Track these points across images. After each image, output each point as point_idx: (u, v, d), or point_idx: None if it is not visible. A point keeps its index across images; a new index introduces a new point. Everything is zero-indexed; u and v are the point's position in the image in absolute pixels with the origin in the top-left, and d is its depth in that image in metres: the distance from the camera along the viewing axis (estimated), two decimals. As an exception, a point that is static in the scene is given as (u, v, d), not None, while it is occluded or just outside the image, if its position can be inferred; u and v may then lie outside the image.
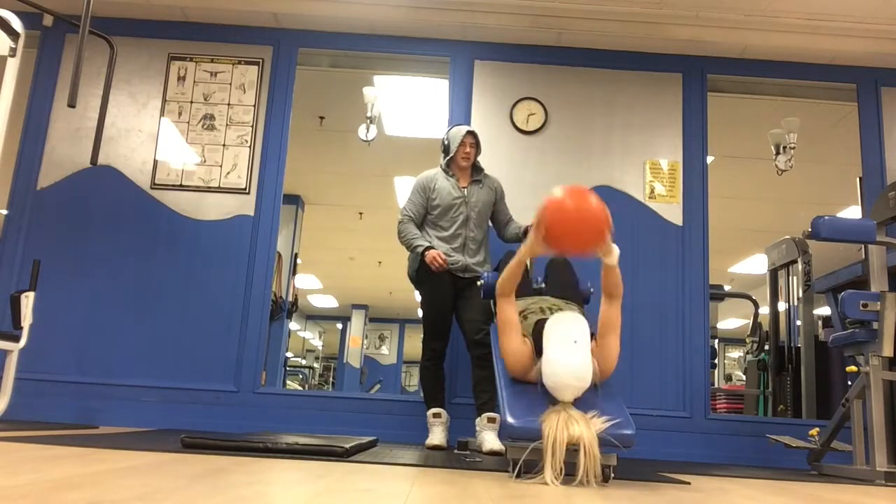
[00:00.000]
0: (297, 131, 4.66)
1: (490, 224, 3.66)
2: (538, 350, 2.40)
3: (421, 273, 3.54)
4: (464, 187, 3.54)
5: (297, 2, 4.21)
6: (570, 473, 2.44)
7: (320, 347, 17.58)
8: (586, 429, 2.12)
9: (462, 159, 3.52)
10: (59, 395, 3.90)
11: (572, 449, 2.41)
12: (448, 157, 3.55)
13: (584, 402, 2.43)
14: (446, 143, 3.58)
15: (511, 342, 2.50)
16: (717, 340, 6.91)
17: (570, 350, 2.24)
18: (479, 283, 3.21)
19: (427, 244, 3.42)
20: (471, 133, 3.54)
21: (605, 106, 4.35)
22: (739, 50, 4.33)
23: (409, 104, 5.40)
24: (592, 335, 2.43)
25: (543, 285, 3.13)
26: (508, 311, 2.54)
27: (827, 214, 3.17)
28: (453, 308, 3.51)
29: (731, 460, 3.89)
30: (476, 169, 3.60)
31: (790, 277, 5.07)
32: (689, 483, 2.35)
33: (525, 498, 1.70)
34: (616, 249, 2.31)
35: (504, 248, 3.57)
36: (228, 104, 4.29)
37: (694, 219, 4.19)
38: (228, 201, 4.18)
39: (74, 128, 4.25)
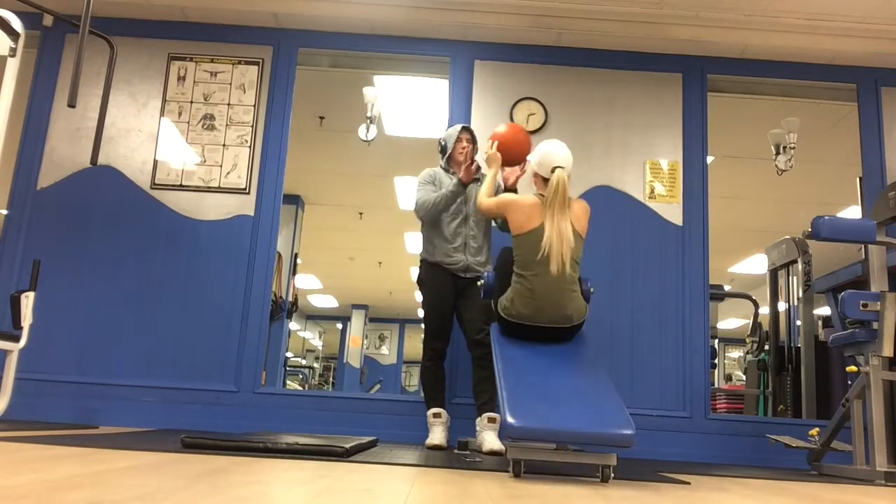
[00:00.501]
0: (297, 131, 4.66)
1: (494, 223, 3.66)
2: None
3: (422, 273, 3.55)
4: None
5: (297, 2, 4.21)
6: (570, 474, 2.44)
7: (320, 347, 17.58)
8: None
9: (459, 154, 3.55)
10: (59, 395, 3.90)
11: (572, 449, 2.41)
12: (447, 156, 3.58)
13: (584, 395, 2.43)
14: (443, 143, 3.64)
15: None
16: (717, 340, 6.91)
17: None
18: (479, 283, 3.22)
19: (456, 182, 3.45)
20: (466, 129, 3.62)
21: (605, 106, 4.35)
22: (739, 50, 4.33)
23: (409, 104, 5.40)
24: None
25: None
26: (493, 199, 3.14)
27: (827, 214, 3.17)
28: (454, 308, 3.51)
29: (731, 460, 3.89)
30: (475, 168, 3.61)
31: (790, 277, 5.07)
32: (689, 483, 2.35)
33: (525, 498, 1.70)
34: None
35: (502, 244, 3.57)
36: (228, 104, 4.29)
37: (694, 219, 4.19)
38: (228, 201, 4.17)
39: (74, 128, 4.25)
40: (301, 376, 13.71)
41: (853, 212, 6.25)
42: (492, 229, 3.66)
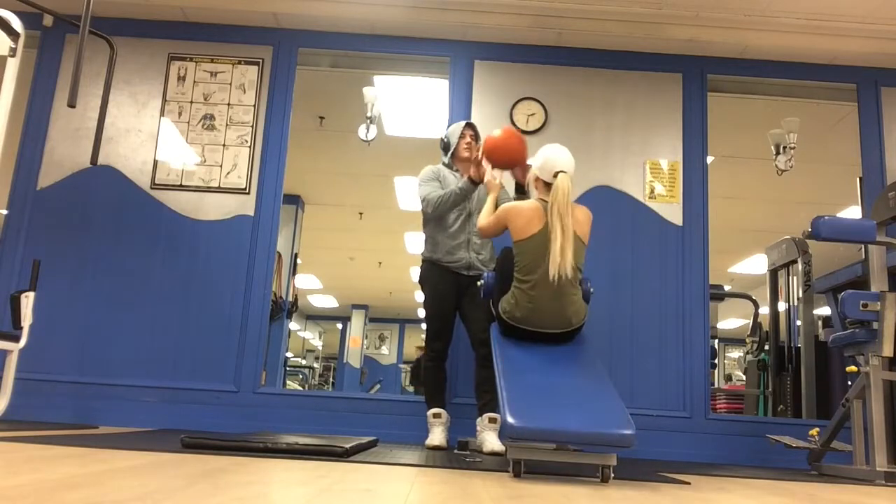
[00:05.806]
0: (297, 131, 4.66)
1: None
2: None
3: (424, 272, 3.54)
4: None
5: (297, 2, 4.21)
6: (570, 474, 2.44)
7: (320, 347, 17.59)
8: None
9: (464, 150, 3.54)
10: (59, 395, 3.90)
11: (572, 449, 2.41)
12: (450, 153, 3.57)
13: (584, 395, 2.43)
14: (446, 140, 3.63)
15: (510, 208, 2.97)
16: (717, 340, 6.91)
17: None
18: (479, 283, 3.21)
19: (466, 180, 3.42)
20: (469, 125, 3.60)
21: (605, 106, 4.35)
22: (739, 50, 4.33)
23: (409, 104, 5.40)
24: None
25: None
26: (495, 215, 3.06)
27: (827, 214, 3.17)
28: (456, 308, 3.50)
29: (731, 460, 3.89)
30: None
31: (790, 277, 5.07)
32: (689, 483, 2.35)
33: (525, 498, 1.70)
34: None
35: (505, 243, 3.57)
36: (228, 104, 4.29)
37: (694, 219, 4.19)
38: (228, 201, 4.17)
39: (74, 128, 4.25)
40: (301, 376, 13.71)
41: (853, 212, 6.25)
42: None
